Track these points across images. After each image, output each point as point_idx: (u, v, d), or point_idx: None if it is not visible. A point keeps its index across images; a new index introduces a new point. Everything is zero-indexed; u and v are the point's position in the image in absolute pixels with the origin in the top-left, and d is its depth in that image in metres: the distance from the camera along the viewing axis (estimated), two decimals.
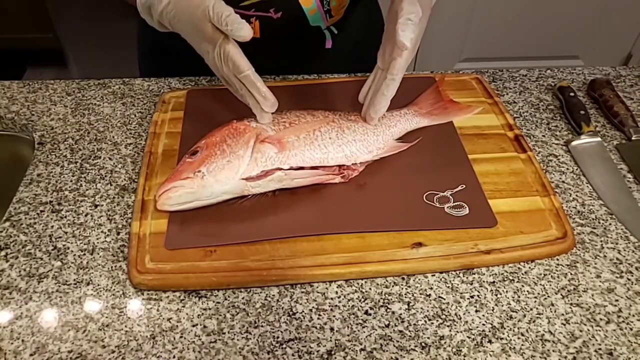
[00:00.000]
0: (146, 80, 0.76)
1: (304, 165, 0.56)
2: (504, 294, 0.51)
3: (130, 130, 0.68)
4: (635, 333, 0.48)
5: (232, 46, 0.52)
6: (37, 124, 0.69)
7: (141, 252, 0.52)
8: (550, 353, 0.46)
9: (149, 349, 0.46)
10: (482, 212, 0.56)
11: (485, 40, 1.72)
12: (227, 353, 0.46)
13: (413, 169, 0.61)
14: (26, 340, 0.46)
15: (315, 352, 0.46)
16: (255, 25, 0.71)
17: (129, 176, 0.62)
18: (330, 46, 0.78)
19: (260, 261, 0.51)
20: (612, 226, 0.57)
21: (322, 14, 0.74)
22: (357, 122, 0.61)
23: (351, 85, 0.74)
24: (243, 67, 0.53)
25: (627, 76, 0.79)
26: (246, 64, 0.53)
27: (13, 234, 0.55)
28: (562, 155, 0.66)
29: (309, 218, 0.55)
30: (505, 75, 0.79)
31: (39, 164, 0.63)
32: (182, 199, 0.54)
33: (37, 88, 0.75)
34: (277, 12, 0.71)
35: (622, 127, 0.69)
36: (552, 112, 0.73)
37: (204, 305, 0.49)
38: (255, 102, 0.56)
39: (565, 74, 0.80)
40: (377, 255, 0.52)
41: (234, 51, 0.53)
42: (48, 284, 0.51)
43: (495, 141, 0.65)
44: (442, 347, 0.46)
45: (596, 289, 0.51)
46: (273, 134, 0.57)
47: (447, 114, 0.68)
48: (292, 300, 0.50)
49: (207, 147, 0.56)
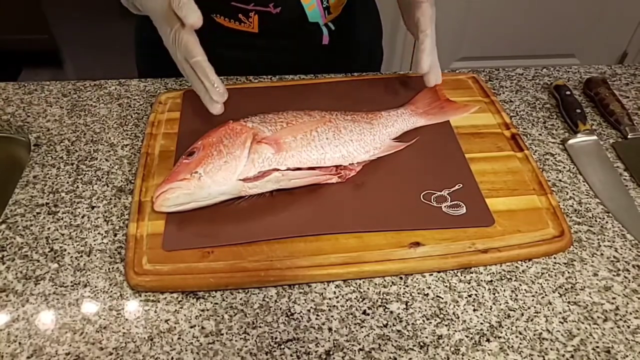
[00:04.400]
0: (142, 81, 0.76)
1: (301, 165, 0.56)
2: (501, 293, 0.51)
3: (126, 131, 0.68)
4: (632, 331, 0.48)
5: (187, 31, 0.54)
6: (33, 125, 0.69)
7: (138, 254, 0.52)
8: (548, 351, 0.46)
9: (147, 350, 0.46)
10: (479, 211, 0.56)
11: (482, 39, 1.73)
12: (225, 354, 0.46)
13: (410, 168, 0.61)
14: (23, 343, 0.46)
15: (313, 353, 0.46)
16: (254, 20, 0.72)
17: (126, 177, 0.62)
18: (327, 42, 0.79)
19: (258, 262, 0.51)
20: (609, 224, 0.57)
21: (321, 11, 0.74)
22: (354, 122, 0.61)
23: (348, 85, 0.74)
24: (195, 53, 0.54)
25: (622, 74, 0.80)
26: (199, 50, 0.55)
27: (9, 236, 0.55)
28: (558, 154, 0.66)
29: (307, 218, 0.55)
30: (502, 74, 0.79)
31: (35, 165, 0.63)
32: (179, 200, 0.54)
33: (32, 89, 0.75)
34: (276, 7, 0.71)
35: (618, 125, 0.69)
36: (548, 111, 0.73)
37: (202, 306, 0.49)
38: (205, 90, 0.57)
39: (561, 72, 0.80)
40: (374, 255, 0.52)
41: (187, 37, 0.54)
42: (45, 286, 0.51)
43: (492, 140, 0.65)
44: (440, 347, 0.46)
45: (593, 287, 0.51)
46: (270, 135, 0.57)
47: (443, 113, 0.68)
48: (290, 300, 0.50)
49: (203, 148, 0.56)
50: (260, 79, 0.76)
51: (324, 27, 0.77)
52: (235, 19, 0.72)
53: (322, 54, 0.80)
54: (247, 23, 0.72)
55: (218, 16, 0.73)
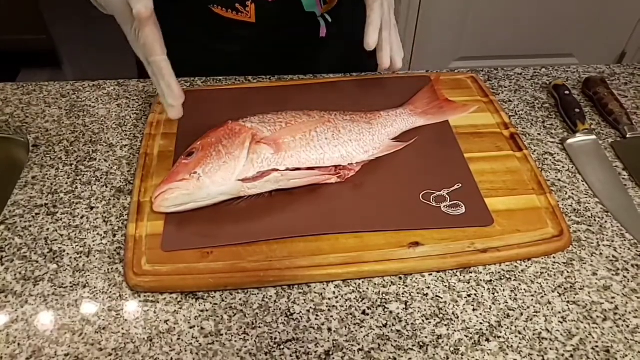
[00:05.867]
0: (141, 81, 0.76)
1: (300, 166, 0.56)
2: (501, 293, 0.51)
3: (125, 131, 0.68)
4: (632, 330, 0.48)
5: (147, 27, 0.49)
6: (32, 126, 0.69)
7: (138, 254, 0.51)
8: (547, 351, 0.46)
9: (146, 351, 0.46)
10: (478, 211, 0.56)
11: (480, 39, 1.73)
12: (224, 355, 0.46)
13: (409, 168, 0.61)
14: (22, 344, 0.46)
15: (313, 353, 0.46)
16: (251, 9, 0.72)
17: (125, 178, 0.62)
18: (325, 34, 0.79)
19: (258, 262, 0.51)
20: (608, 224, 0.57)
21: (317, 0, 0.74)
22: (353, 122, 0.61)
23: (347, 85, 0.74)
24: (154, 51, 0.50)
25: (621, 74, 0.80)
26: (158, 48, 0.50)
27: (8, 237, 0.55)
28: (557, 154, 0.66)
29: (306, 218, 0.55)
30: (501, 73, 0.80)
31: (34, 166, 0.63)
32: (178, 200, 0.54)
33: (31, 90, 0.75)
34: None
35: (616, 125, 0.69)
36: (547, 111, 0.73)
37: (201, 306, 0.49)
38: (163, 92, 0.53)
39: (560, 72, 0.80)
40: (374, 255, 0.52)
41: (147, 33, 0.49)
42: (44, 287, 0.50)
43: (491, 140, 0.65)
44: (439, 347, 0.46)
45: (593, 287, 0.51)
46: (269, 135, 0.57)
47: (442, 113, 0.68)
48: (290, 301, 0.50)
49: (202, 149, 0.56)
50: (259, 79, 0.76)
51: (321, 18, 0.77)
52: (233, 8, 0.72)
53: (320, 47, 0.80)
54: (244, 13, 0.72)
55: (215, 6, 0.73)
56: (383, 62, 0.62)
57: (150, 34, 0.49)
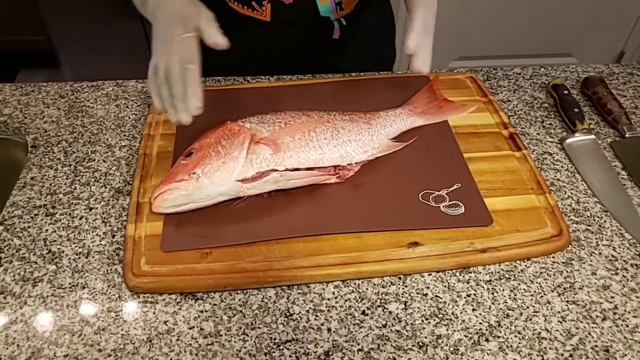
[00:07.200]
0: (140, 81, 0.76)
1: (300, 166, 0.56)
2: (500, 293, 0.51)
3: (124, 132, 0.68)
4: (631, 330, 0.48)
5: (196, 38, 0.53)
6: (30, 126, 0.69)
7: (137, 255, 0.51)
8: (547, 351, 0.46)
9: (146, 352, 0.46)
10: (477, 211, 0.56)
11: (479, 39, 1.73)
12: (224, 355, 0.46)
13: (408, 168, 0.61)
14: (21, 345, 0.46)
15: (312, 353, 0.46)
16: (267, 8, 0.72)
17: (124, 178, 0.62)
18: (338, 37, 0.79)
19: (257, 262, 0.51)
20: (607, 223, 0.57)
21: (333, 6, 0.74)
22: (352, 122, 0.61)
23: (346, 85, 0.74)
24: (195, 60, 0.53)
25: (620, 74, 0.80)
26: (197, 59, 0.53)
27: (7, 238, 0.55)
28: (556, 153, 0.66)
29: (305, 219, 0.55)
30: (500, 73, 0.80)
31: (33, 167, 0.63)
32: (177, 201, 0.53)
33: (29, 90, 0.75)
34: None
35: (615, 124, 0.69)
36: (546, 110, 0.73)
37: (201, 307, 0.49)
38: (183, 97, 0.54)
39: (559, 72, 0.80)
40: (373, 255, 0.52)
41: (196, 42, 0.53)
42: (43, 288, 0.50)
43: (490, 140, 0.65)
44: (439, 347, 0.46)
45: (592, 286, 0.51)
46: (268, 135, 0.57)
47: (441, 113, 0.68)
48: (289, 301, 0.50)
49: (201, 149, 0.56)
50: (258, 79, 0.76)
51: (336, 22, 0.78)
52: (249, 6, 0.73)
53: (332, 48, 0.80)
54: (259, 11, 0.73)
55: (232, 2, 0.73)
56: (415, 66, 0.63)
57: (197, 44, 0.53)
